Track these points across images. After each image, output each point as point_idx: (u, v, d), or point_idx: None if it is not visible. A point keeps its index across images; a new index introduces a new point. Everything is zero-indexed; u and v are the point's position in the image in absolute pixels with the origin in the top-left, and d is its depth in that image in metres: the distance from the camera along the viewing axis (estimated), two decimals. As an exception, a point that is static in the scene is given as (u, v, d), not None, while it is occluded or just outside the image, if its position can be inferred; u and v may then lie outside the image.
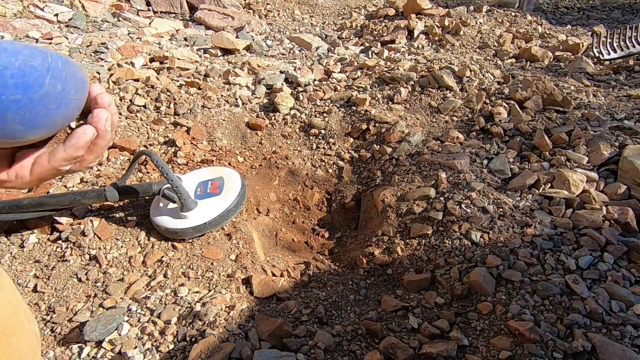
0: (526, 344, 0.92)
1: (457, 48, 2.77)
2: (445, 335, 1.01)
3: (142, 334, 1.01)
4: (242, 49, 2.79)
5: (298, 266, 1.36)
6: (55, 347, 1.02)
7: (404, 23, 3.07)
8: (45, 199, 1.26)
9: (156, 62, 2.34)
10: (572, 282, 1.05)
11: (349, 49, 2.93)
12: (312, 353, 0.95)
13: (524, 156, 1.58)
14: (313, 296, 1.16)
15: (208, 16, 3.38)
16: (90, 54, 2.39)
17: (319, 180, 1.78)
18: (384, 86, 2.12)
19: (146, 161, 1.61)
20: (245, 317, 1.06)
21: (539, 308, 1.02)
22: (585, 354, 0.90)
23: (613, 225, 1.21)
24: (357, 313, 1.12)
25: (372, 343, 1.01)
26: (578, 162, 1.46)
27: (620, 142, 1.50)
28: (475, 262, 1.17)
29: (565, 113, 1.76)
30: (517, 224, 1.26)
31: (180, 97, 1.97)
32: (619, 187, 1.33)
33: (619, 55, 2.41)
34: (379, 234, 1.41)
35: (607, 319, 0.97)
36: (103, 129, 0.52)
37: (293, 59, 2.71)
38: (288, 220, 1.64)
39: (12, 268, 1.22)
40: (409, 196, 1.46)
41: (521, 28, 3.05)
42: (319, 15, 3.88)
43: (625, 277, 1.07)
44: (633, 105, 1.78)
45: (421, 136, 1.79)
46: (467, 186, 1.42)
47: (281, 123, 1.95)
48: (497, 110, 1.80)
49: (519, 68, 2.37)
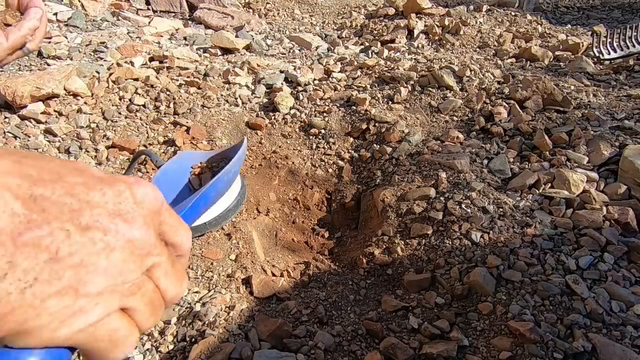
0: (526, 344, 0.92)
1: (457, 48, 2.77)
2: (446, 335, 1.01)
3: (142, 334, 1.01)
4: (241, 48, 2.78)
5: (298, 266, 1.36)
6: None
7: (404, 22, 3.07)
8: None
9: (156, 61, 2.33)
10: (573, 282, 1.05)
11: (349, 48, 2.92)
12: (312, 353, 0.95)
13: (524, 156, 1.58)
14: (313, 296, 1.16)
15: (208, 15, 3.37)
16: (89, 53, 2.39)
17: (319, 180, 1.78)
18: (384, 86, 2.12)
19: (146, 161, 1.61)
20: (245, 317, 1.06)
21: (539, 308, 1.02)
22: (585, 354, 0.90)
23: (613, 225, 1.21)
24: (357, 313, 1.12)
25: (372, 343, 1.01)
26: (578, 162, 1.46)
27: (620, 142, 1.50)
28: (476, 262, 1.17)
29: (566, 113, 1.76)
30: (517, 224, 1.26)
31: (180, 97, 1.97)
32: (619, 187, 1.33)
33: (619, 55, 2.41)
34: (379, 234, 1.41)
35: (608, 319, 0.97)
36: (43, 6, 0.68)
37: (293, 59, 2.71)
38: (288, 220, 1.64)
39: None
40: (409, 196, 1.46)
41: (521, 28, 3.05)
42: (319, 15, 3.88)
43: (626, 277, 1.07)
44: (633, 105, 1.78)
45: (421, 136, 1.79)
46: (467, 186, 1.42)
47: (281, 123, 1.95)
48: (497, 110, 1.80)
49: (519, 68, 2.36)
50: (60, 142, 1.71)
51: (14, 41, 0.63)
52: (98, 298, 0.26)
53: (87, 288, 0.26)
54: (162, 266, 0.31)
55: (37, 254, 0.24)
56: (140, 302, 0.29)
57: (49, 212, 0.25)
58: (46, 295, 0.24)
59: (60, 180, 0.27)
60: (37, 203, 0.25)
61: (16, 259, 0.24)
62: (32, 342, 0.25)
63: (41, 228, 0.25)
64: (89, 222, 0.27)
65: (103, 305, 0.27)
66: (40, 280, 0.24)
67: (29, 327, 0.24)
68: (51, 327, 0.25)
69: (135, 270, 0.28)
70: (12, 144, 1.65)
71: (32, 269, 0.24)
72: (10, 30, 0.64)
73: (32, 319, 0.24)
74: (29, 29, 0.65)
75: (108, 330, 0.27)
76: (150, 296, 0.30)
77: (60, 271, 0.25)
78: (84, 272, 0.26)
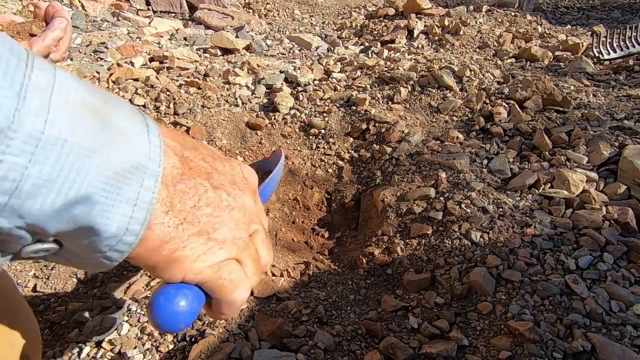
0: (526, 344, 0.92)
1: (457, 48, 2.77)
2: (445, 335, 1.01)
3: (142, 334, 1.01)
4: (241, 48, 2.78)
5: (298, 266, 1.36)
6: (55, 347, 1.02)
7: (403, 23, 3.07)
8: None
9: (156, 61, 2.34)
10: (572, 282, 1.05)
11: (349, 48, 2.92)
12: (312, 353, 0.95)
13: (524, 156, 1.58)
14: (313, 296, 1.16)
15: (208, 16, 3.38)
16: (89, 53, 2.39)
17: (318, 180, 1.78)
18: (383, 86, 2.12)
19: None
20: (245, 317, 1.06)
21: (539, 308, 1.02)
22: (585, 354, 0.90)
23: (613, 225, 1.21)
24: (357, 313, 1.12)
25: (372, 343, 1.02)
26: (578, 162, 1.46)
27: (620, 142, 1.50)
28: (475, 262, 1.17)
29: (565, 113, 1.76)
30: (517, 224, 1.26)
31: (180, 97, 1.97)
32: (619, 187, 1.33)
33: (618, 55, 2.41)
34: (379, 233, 1.41)
35: (607, 319, 0.97)
36: (68, 17, 0.70)
37: (293, 59, 2.71)
38: (288, 220, 1.64)
39: (12, 268, 1.22)
40: (408, 196, 1.46)
41: (521, 28, 3.05)
42: (319, 15, 3.88)
43: (625, 277, 1.07)
44: (633, 105, 1.78)
45: (421, 136, 1.79)
46: (467, 186, 1.42)
47: (281, 123, 1.95)
48: (497, 110, 1.80)
49: (519, 68, 2.37)
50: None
51: (38, 51, 0.63)
52: (222, 244, 0.33)
53: (215, 234, 0.33)
54: (260, 234, 0.38)
55: (186, 200, 0.31)
56: (248, 258, 0.36)
57: (194, 170, 0.32)
58: (190, 233, 0.31)
59: (197, 149, 0.34)
60: (187, 162, 0.32)
61: (174, 201, 0.30)
62: (175, 273, 0.31)
63: (190, 181, 0.31)
64: (217, 183, 0.34)
65: (225, 251, 0.33)
66: (187, 221, 0.31)
67: (176, 256, 0.31)
68: (190, 259, 0.31)
69: (245, 230, 0.35)
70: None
71: (183, 210, 0.30)
72: (34, 40, 0.63)
73: (179, 249, 0.30)
74: (53, 39, 0.64)
75: (229, 271, 0.34)
76: (255, 256, 0.37)
77: (199, 217, 0.31)
78: (214, 221, 0.32)
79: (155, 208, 0.28)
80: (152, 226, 0.29)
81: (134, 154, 0.27)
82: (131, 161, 0.27)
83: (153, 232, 0.29)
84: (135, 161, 0.27)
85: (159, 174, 0.28)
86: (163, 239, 0.29)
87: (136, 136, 0.28)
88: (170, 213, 0.29)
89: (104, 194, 0.26)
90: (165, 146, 0.30)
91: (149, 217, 0.28)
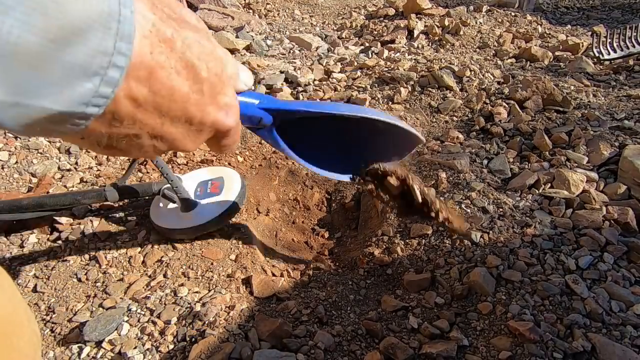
0: (526, 344, 0.92)
1: (457, 48, 2.77)
2: (445, 335, 1.01)
3: (142, 334, 1.01)
4: (242, 48, 2.79)
5: (298, 266, 1.36)
6: (55, 347, 1.02)
7: (403, 23, 3.07)
8: (45, 199, 1.25)
9: (156, 62, 2.33)
10: (572, 282, 1.05)
11: (349, 48, 2.92)
12: (312, 353, 0.95)
13: (524, 156, 1.58)
14: (313, 296, 1.16)
15: (208, 16, 3.38)
16: (90, 53, 2.39)
17: (318, 180, 1.78)
18: (383, 86, 2.12)
19: (146, 161, 1.61)
20: (245, 317, 1.06)
21: (539, 308, 1.02)
22: (585, 354, 0.90)
23: (613, 225, 1.21)
24: (357, 313, 1.12)
25: (372, 343, 1.01)
26: (578, 162, 1.46)
27: (620, 142, 1.50)
28: (475, 262, 1.17)
29: (565, 113, 1.76)
30: (517, 224, 1.26)
31: (180, 97, 1.96)
32: (619, 187, 1.33)
33: (619, 55, 2.41)
34: (379, 234, 1.41)
35: (607, 319, 0.97)
36: None
37: (293, 59, 2.71)
38: (288, 220, 1.64)
39: (11, 268, 1.22)
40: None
41: (521, 28, 3.05)
42: (319, 15, 3.88)
43: (625, 277, 1.07)
44: (633, 105, 1.78)
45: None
46: (467, 186, 1.42)
47: (281, 123, 1.95)
48: (497, 110, 1.80)
49: (519, 68, 2.36)
50: (60, 142, 1.71)
51: None
52: (228, 81, 0.41)
53: (221, 71, 0.40)
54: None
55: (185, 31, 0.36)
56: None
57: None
58: (204, 60, 0.37)
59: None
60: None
61: (181, 29, 0.35)
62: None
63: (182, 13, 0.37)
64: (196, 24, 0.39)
65: (231, 95, 0.42)
66: (192, 50, 0.36)
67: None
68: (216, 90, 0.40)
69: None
70: (12, 144, 1.65)
71: (187, 37, 0.35)
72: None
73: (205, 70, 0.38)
74: None
75: (235, 113, 0.44)
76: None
77: (202, 40, 0.37)
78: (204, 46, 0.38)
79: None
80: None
81: None
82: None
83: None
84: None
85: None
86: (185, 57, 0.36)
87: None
88: (176, 35, 0.34)
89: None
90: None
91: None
